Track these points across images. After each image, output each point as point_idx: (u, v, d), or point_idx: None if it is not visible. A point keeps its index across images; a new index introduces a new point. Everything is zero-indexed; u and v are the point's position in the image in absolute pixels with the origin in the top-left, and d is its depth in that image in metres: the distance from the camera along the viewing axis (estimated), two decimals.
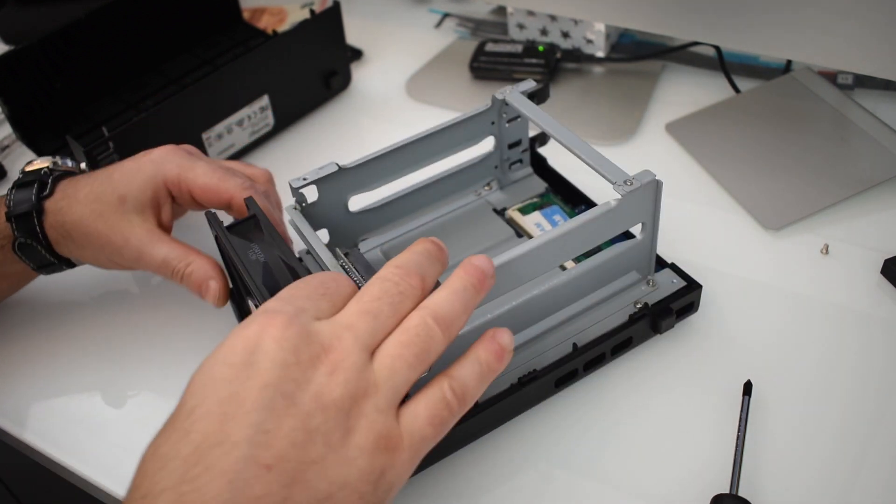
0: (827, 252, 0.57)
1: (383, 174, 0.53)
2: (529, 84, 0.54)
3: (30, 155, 0.74)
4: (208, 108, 0.67)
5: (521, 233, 0.57)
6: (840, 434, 0.46)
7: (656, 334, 0.51)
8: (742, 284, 0.56)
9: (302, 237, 0.49)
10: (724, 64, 0.71)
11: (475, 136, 0.56)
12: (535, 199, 0.59)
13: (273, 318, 0.32)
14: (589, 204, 0.57)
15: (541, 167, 0.61)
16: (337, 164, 0.51)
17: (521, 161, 0.60)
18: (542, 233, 0.48)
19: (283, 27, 0.87)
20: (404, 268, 0.35)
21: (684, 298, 0.50)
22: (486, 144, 0.57)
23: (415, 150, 0.53)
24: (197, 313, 0.57)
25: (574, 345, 0.48)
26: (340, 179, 0.51)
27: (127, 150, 0.62)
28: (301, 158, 0.70)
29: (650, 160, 0.66)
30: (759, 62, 0.74)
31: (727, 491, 0.43)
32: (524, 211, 0.58)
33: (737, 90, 0.71)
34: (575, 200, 0.58)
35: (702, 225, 0.60)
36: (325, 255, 0.47)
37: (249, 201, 0.48)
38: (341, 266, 0.47)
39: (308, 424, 0.30)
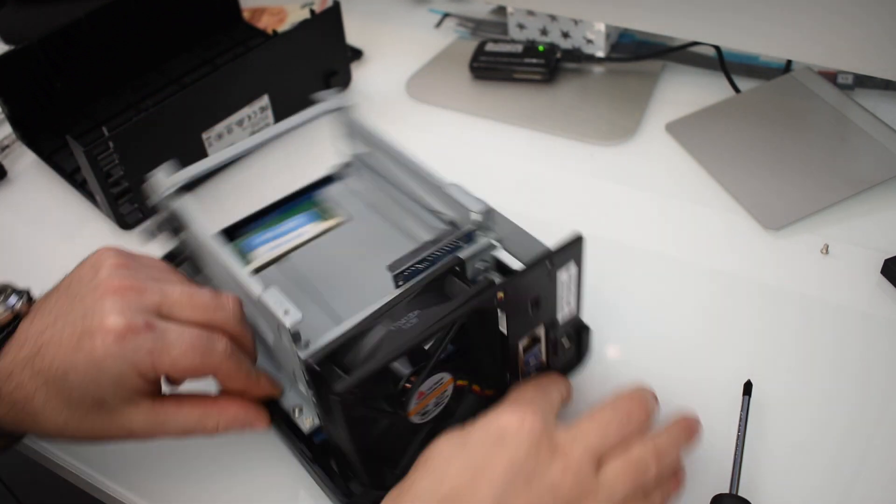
0: (827, 252, 0.57)
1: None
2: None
3: (30, 155, 0.74)
4: (208, 108, 0.67)
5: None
6: (840, 434, 0.46)
7: None
8: (742, 284, 0.56)
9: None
10: (724, 64, 0.71)
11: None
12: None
13: (524, 414, 0.38)
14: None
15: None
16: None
17: None
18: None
19: (283, 27, 0.87)
20: (635, 400, 0.41)
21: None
22: None
23: None
24: None
25: None
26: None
27: (127, 149, 0.62)
28: (301, 159, 0.70)
29: (650, 160, 0.66)
30: (759, 62, 0.74)
31: (727, 491, 0.43)
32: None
33: (737, 90, 0.71)
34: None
35: (702, 225, 0.60)
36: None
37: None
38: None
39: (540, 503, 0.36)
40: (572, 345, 0.49)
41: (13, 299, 0.46)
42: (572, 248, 0.43)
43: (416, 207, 0.54)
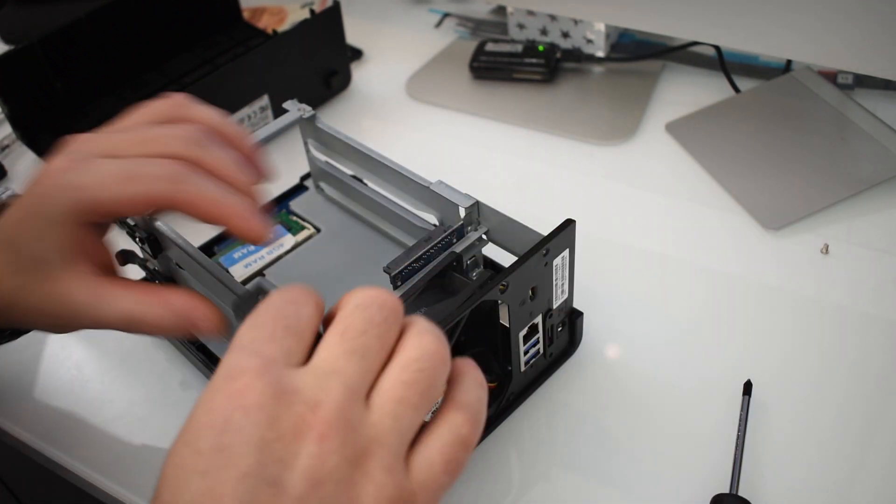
0: (827, 252, 0.57)
1: None
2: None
3: (30, 155, 0.74)
4: None
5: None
6: (840, 434, 0.46)
7: None
8: (742, 284, 0.56)
9: None
10: (724, 64, 0.71)
11: None
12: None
13: (242, 382, 0.27)
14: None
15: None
16: None
17: None
18: None
19: (283, 27, 0.87)
20: (380, 293, 0.31)
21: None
22: None
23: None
24: None
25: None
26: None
27: None
28: (301, 158, 0.70)
29: (650, 160, 0.66)
30: (759, 62, 0.74)
31: (727, 491, 0.43)
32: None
33: (737, 90, 0.71)
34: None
35: (702, 225, 0.60)
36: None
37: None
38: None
39: None
40: (565, 330, 0.50)
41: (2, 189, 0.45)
42: (566, 234, 0.44)
43: (388, 212, 0.54)
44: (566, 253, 0.45)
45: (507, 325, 0.44)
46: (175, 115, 0.41)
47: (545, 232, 0.44)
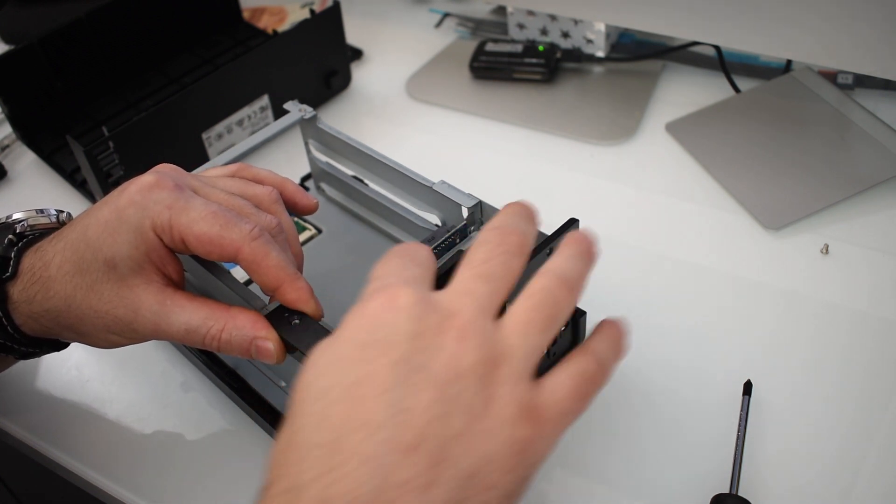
0: (827, 252, 0.57)
1: None
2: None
3: (30, 155, 0.74)
4: (208, 108, 0.67)
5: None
6: (840, 433, 0.46)
7: None
8: (742, 284, 0.56)
9: None
10: (724, 64, 0.71)
11: None
12: None
13: (392, 290, 0.31)
14: None
15: None
16: None
17: None
18: None
19: (283, 27, 0.87)
20: (501, 228, 0.34)
21: None
22: None
23: None
24: None
25: None
26: None
27: (127, 149, 0.62)
28: (301, 158, 0.70)
29: (650, 160, 0.66)
30: (759, 62, 0.74)
31: (727, 491, 0.43)
32: None
33: (737, 90, 0.71)
34: None
35: (702, 225, 0.60)
36: None
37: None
38: None
39: (446, 394, 0.29)
40: (567, 330, 0.49)
41: (53, 211, 0.47)
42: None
43: (390, 212, 0.54)
44: None
45: None
46: (241, 174, 0.46)
47: (546, 232, 0.44)
